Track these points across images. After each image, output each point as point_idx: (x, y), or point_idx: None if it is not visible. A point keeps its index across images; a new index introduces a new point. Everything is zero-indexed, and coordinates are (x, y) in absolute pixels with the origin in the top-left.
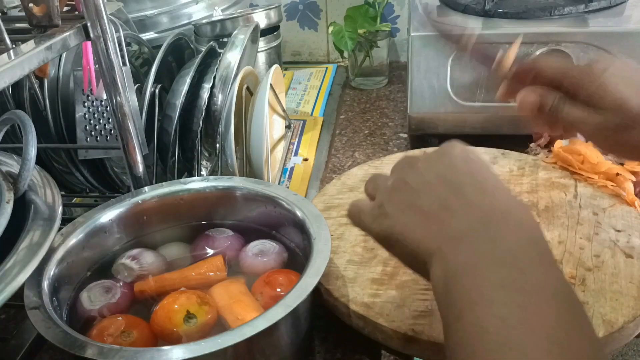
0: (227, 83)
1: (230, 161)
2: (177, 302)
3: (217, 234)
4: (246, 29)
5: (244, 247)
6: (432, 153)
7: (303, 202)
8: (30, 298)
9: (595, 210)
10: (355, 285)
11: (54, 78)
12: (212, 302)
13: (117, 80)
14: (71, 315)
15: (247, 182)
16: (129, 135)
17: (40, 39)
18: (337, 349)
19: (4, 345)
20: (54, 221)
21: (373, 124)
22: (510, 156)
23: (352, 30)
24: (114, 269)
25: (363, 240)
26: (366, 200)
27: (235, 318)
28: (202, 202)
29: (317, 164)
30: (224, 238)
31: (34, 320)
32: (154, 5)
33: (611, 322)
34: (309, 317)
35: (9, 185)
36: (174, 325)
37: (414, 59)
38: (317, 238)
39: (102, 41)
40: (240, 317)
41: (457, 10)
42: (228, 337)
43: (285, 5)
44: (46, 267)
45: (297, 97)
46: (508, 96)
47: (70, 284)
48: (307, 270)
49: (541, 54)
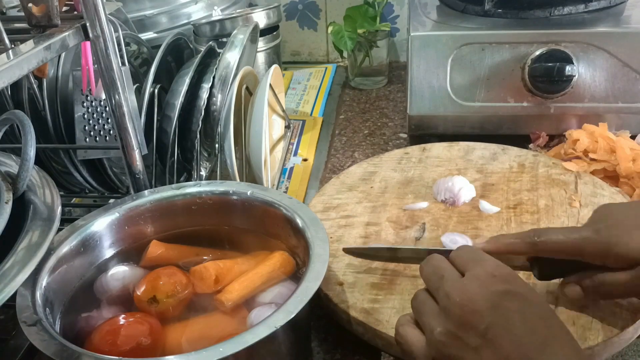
0: (226, 83)
1: (229, 161)
2: (154, 281)
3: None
4: (245, 28)
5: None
6: (471, 283)
7: (299, 206)
8: (25, 312)
9: (595, 209)
10: (355, 290)
11: (53, 78)
12: (181, 296)
13: (116, 80)
14: (64, 325)
15: (242, 186)
16: (128, 135)
17: (39, 38)
18: (336, 350)
19: (3, 345)
20: (53, 221)
21: (373, 124)
22: (510, 152)
23: (352, 30)
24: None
25: (363, 242)
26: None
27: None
28: (197, 207)
29: (316, 164)
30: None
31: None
32: (153, 5)
33: (611, 326)
34: (308, 320)
35: (8, 186)
36: (141, 300)
37: (413, 59)
38: (315, 242)
39: (101, 41)
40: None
41: (457, 10)
42: (229, 346)
43: (284, 5)
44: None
45: (297, 97)
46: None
47: (62, 293)
48: (307, 274)
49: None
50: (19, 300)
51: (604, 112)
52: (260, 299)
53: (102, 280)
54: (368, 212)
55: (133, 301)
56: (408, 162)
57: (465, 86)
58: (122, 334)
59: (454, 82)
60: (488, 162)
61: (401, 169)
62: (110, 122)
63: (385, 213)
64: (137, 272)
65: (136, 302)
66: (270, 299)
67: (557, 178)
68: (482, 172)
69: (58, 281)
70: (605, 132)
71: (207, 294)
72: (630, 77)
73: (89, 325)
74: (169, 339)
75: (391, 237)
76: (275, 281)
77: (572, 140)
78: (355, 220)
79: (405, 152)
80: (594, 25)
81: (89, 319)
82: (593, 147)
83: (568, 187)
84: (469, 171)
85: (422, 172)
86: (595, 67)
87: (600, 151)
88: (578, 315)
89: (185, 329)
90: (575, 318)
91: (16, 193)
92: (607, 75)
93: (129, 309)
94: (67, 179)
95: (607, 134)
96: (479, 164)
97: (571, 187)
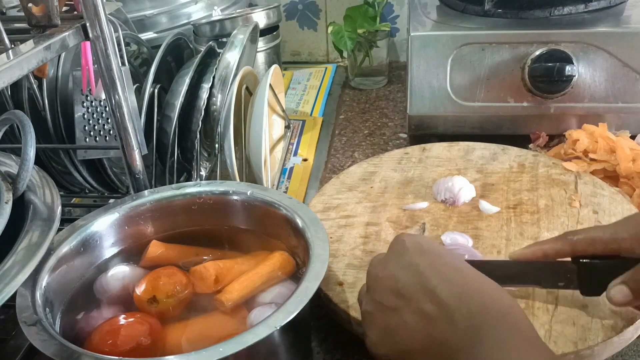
0: (226, 83)
1: (229, 161)
2: (154, 281)
3: None
4: (245, 28)
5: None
6: (388, 257)
7: (299, 206)
8: (25, 313)
9: (595, 209)
10: (355, 290)
11: (52, 78)
12: (181, 296)
13: (116, 80)
14: (64, 325)
15: (242, 186)
16: (128, 135)
17: (39, 39)
18: (336, 350)
19: (3, 345)
20: (52, 221)
21: (372, 124)
22: (510, 152)
23: (352, 30)
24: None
25: (362, 242)
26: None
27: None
28: (197, 207)
29: (316, 164)
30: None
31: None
32: (153, 5)
33: (611, 326)
34: (308, 320)
35: (7, 186)
36: (141, 300)
37: (413, 59)
38: (315, 242)
39: (101, 41)
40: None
41: (457, 10)
42: (229, 346)
43: (284, 5)
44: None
45: (297, 97)
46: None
47: (62, 294)
48: (307, 274)
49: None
50: (19, 300)
51: (603, 112)
52: (260, 299)
53: (102, 280)
54: (368, 212)
55: (133, 301)
56: (408, 162)
57: (465, 86)
58: (122, 334)
59: (454, 82)
60: (488, 162)
61: (401, 169)
62: (110, 122)
63: (385, 213)
64: (137, 272)
65: (136, 302)
66: (270, 299)
67: (557, 178)
68: (482, 172)
69: (58, 281)
70: (605, 132)
71: (207, 294)
72: (630, 77)
73: (89, 325)
74: (169, 338)
75: (391, 237)
76: (275, 281)
77: (571, 140)
78: (355, 220)
79: (405, 152)
80: (593, 25)
81: (89, 319)
82: (593, 148)
83: (568, 187)
84: (469, 171)
85: (422, 172)
86: (595, 67)
87: (600, 151)
88: (578, 315)
89: (185, 329)
90: (575, 318)
91: (16, 193)
92: (607, 75)
93: (129, 309)
94: (67, 179)
95: (606, 134)
96: (479, 164)
97: (571, 187)
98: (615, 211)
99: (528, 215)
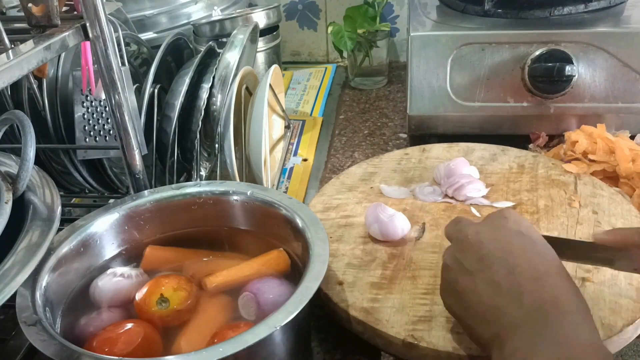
0: (226, 83)
1: (229, 161)
2: (157, 284)
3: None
4: (245, 28)
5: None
6: (484, 225)
7: (299, 206)
8: (25, 313)
9: (595, 209)
10: (355, 289)
11: (52, 78)
12: (190, 289)
13: (115, 80)
14: (64, 326)
15: (242, 186)
16: (127, 135)
17: (39, 39)
18: (336, 350)
19: (3, 345)
20: (52, 221)
21: (372, 124)
22: (510, 153)
23: (352, 30)
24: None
25: (362, 242)
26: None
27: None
28: (197, 207)
29: (316, 164)
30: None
31: (28, 335)
32: (153, 5)
33: (610, 326)
34: (308, 320)
35: (7, 186)
36: (148, 306)
37: (413, 59)
38: (315, 242)
39: (101, 41)
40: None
41: (456, 10)
42: (229, 346)
43: (284, 5)
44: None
45: (297, 97)
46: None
47: (62, 293)
48: (307, 274)
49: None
50: (19, 300)
51: (603, 112)
52: (248, 287)
53: (101, 281)
54: None
55: (132, 302)
56: (408, 162)
57: (465, 86)
58: (121, 341)
59: (454, 82)
60: (488, 163)
61: (401, 169)
62: (110, 122)
63: None
64: (137, 273)
65: (135, 306)
66: (257, 288)
67: (557, 179)
68: (481, 173)
69: (58, 281)
70: (603, 132)
71: (206, 298)
72: (630, 77)
73: (88, 326)
74: (167, 343)
75: None
76: (266, 275)
77: (570, 141)
78: (355, 220)
79: (405, 153)
80: (593, 25)
81: (89, 319)
82: (592, 149)
83: (567, 187)
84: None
85: (422, 172)
86: (595, 67)
87: (600, 152)
88: None
89: (184, 333)
90: None
91: (16, 193)
92: (606, 75)
93: (128, 309)
94: (67, 179)
95: (605, 134)
96: (478, 164)
97: (571, 187)
98: (615, 211)
99: (528, 215)
